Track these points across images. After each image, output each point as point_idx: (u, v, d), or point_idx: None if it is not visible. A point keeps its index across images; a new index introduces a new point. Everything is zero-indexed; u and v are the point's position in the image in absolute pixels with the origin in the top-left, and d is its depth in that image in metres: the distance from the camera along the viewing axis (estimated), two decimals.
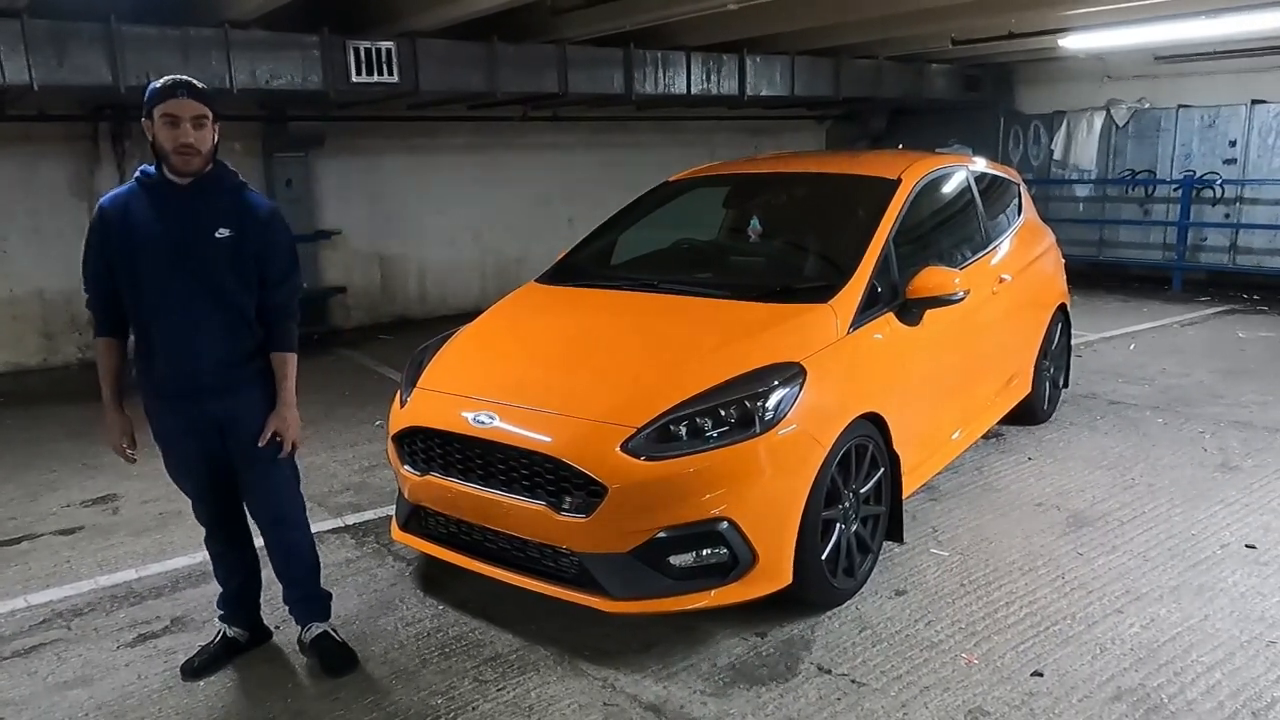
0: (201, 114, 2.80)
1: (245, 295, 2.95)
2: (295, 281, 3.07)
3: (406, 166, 9.71)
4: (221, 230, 2.88)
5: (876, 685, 3.01)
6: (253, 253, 2.94)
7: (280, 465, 3.10)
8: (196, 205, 2.89)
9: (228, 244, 2.89)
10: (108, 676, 3.20)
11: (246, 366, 2.99)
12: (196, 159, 2.83)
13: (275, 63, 6.87)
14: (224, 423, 2.98)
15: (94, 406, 2.81)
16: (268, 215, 3.00)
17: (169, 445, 3.06)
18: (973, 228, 4.94)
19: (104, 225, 2.90)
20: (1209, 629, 3.30)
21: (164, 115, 2.78)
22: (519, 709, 2.94)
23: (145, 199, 2.90)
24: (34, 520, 4.64)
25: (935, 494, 4.54)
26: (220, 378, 2.94)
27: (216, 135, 2.89)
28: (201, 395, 2.94)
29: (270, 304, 3.01)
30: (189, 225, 2.87)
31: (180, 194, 2.88)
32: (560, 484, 3.18)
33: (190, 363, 2.91)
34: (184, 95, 2.78)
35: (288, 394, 3.04)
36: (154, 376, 2.96)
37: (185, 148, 2.79)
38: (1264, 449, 5.13)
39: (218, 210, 2.90)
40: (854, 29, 8.51)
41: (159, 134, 2.80)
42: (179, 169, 2.84)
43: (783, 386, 3.25)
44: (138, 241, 2.86)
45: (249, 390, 3.01)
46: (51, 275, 8.03)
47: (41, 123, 7.62)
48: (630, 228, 4.85)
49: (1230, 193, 10.31)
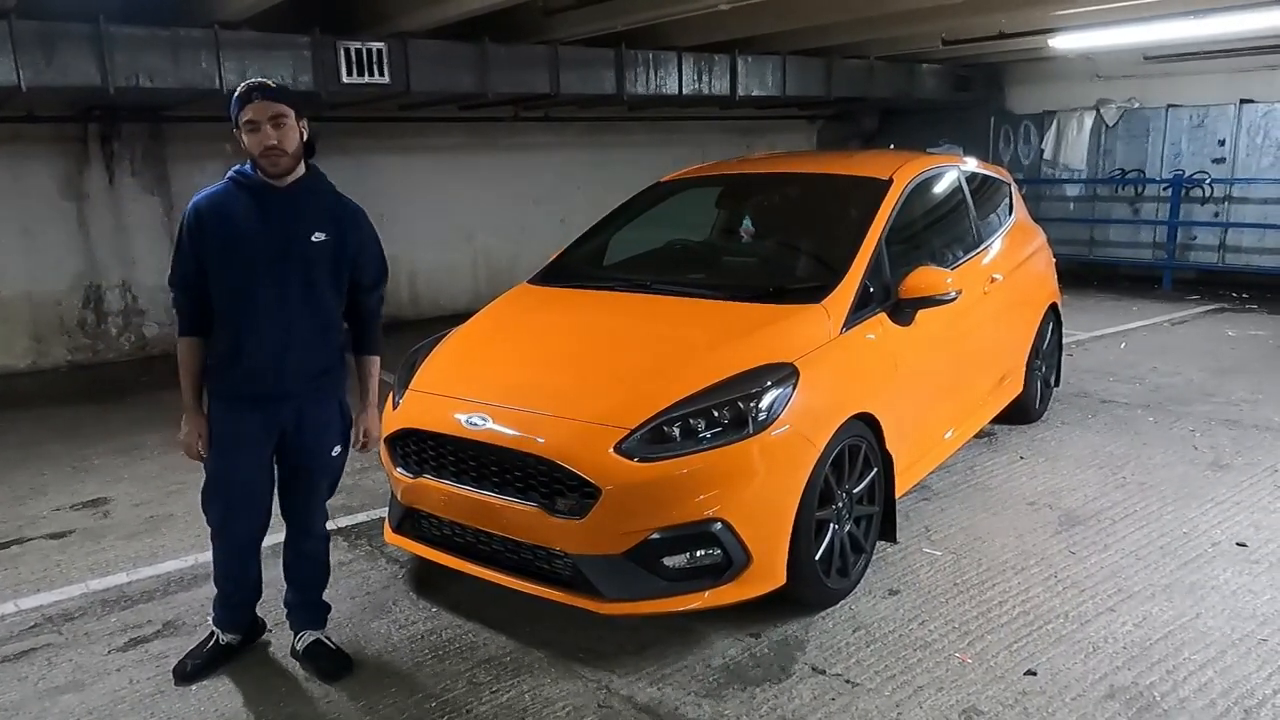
0: (279, 113, 2.79)
1: (337, 299, 2.98)
2: (384, 285, 3.11)
3: (398, 167, 9.69)
4: (319, 234, 2.88)
5: (871, 685, 3.01)
6: (349, 257, 2.96)
7: (329, 476, 3.14)
8: (295, 208, 2.89)
9: (325, 248, 2.90)
10: (99, 681, 3.18)
11: (328, 376, 3.01)
12: (284, 159, 2.82)
13: (266, 63, 6.83)
14: (291, 427, 2.97)
15: (84, 409, 2.81)
16: (361, 219, 3.02)
17: (228, 447, 2.97)
18: (964, 227, 4.96)
19: (199, 224, 2.87)
20: (1201, 627, 3.31)
21: (245, 122, 2.79)
22: (514, 711, 2.94)
23: (244, 199, 2.88)
24: (24, 524, 4.61)
25: (928, 493, 4.55)
26: (304, 384, 2.95)
27: (304, 132, 2.87)
28: (282, 400, 2.93)
29: (361, 308, 3.06)
30: (288, 228, 2.87)
31: (278, 196, 2.88)
32: (554, 486, 3.17)
33: (277, 368, 2.90)
34: (259, 98, 2.78)
35: (374, 395, 3.12)
36: (236, 377, 2.93)
37: (270, 150, 2.79)
38: (1254, 447, 5.16)
39: (315, 214, 2.91)
40: (845, 29, 8.53)
41: (246, 142, 2.81)
42: (269, 171, 2.84)
43: (776, 387, 3.25)
44: (236, 241, 2.85)
45: (324, 400, 3.02)
46: (41, 277, 8.01)
47: (30, 124, 7.59)
48: (623, 228, 4.84)
49: (1219, 192, 10.37)
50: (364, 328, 3.09)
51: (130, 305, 8.49)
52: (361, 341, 3.09)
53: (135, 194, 8.25)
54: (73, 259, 8.17)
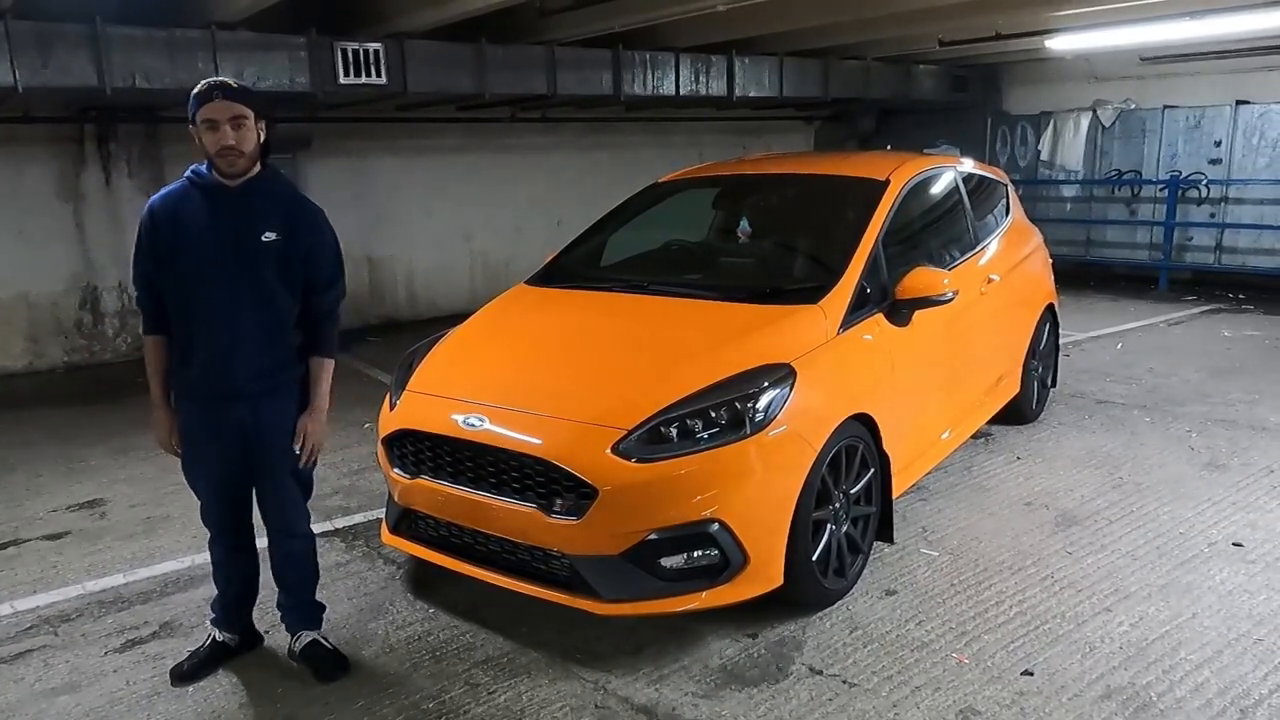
0: (239, 114, 2.79)
1: (289, 299, 2.96)
2: (340, 286, 3.09)
3: (395, 168, 9.69)
4: (269, 233, 2.88)
5: (868, 686, 3.01)
6: (300, 256, 2.94)
7: (296, 474, 3.11)
8: (246, 207, 2.88)
9: (275, 247, 2.89)
10: (95, 683, 3.18)
11: (282, 373, 3.00)
12: (241, 160, 2.83)
13: (262, 64, 6.83)
14: (249, 427, 2.97)
15: (81, 410, 2.81)
16: (315, 219, 3.00)
17: (192, 446, 3.03)
18: (961, 228, 4.96)
19: (153, 224, 2.89)
20: (1197, 627, 3.32)
21: (204, 120, 2.78)
22: (511, 712, 2.94)
23: (196, 199, 2.89)
24: (20, 525, 4.60)
25: (925, 494, 4.55)
26: (257, 384, 2.94)
27: (262, 134, 2.88)
28: (234, 399, 2.93)
29: (315, 308, 3.02)
30: (238, 227, 2.86)
31: (231, 195, 2.88)
32: (551, 486, 3.17)
33: (229, 366, 2.90)
34: (219, 97, 2.78)
35: (322, 399, 3.07)
36: (189, 377, 2.95)
37: (227, 150, 2.79)
38: (1250, 447, 5.17)
39: (266, 213, 2.90)
40: (842, 30, 8.53)
41: (203, 139, 2.81)
42: (225, 171, 2.84)
43: (773, 388, 3.25)
44: (186, 241, 2.85)
45: (280, 397, 3.01)
46: (37, 279, 8.00)
47: (26, 125, 7.58)
48: (620, 229, 4.84)
49: (1215, 193, 10.39)
50: (317, 328, 3.05)
51: (127, 306, 8.46)
52: (313, 342, 3.05)
53: (132, 195, 8.22)
54: (69, 260, 8.15)
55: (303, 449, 3.05)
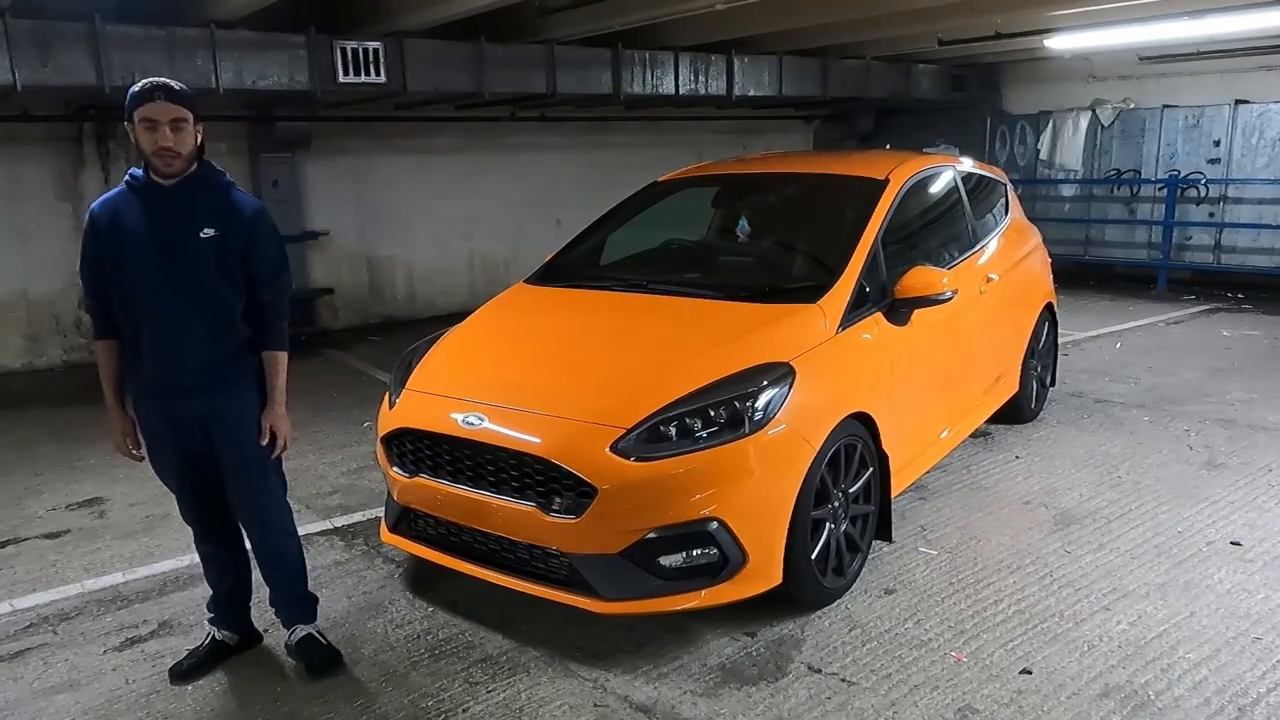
0: (180, 116, 2.79)
1: (232, 294, 2.95)
2: (284, 280, 3.07)
3: (394, 167, 9.69)
4: (206, 230, 2.88)
5: (866, 684, 3.02)
6: (239, 252, 2.93)
7: (264, 467, 3.08)
8: (182, 206, 2.88)
9: (213, 243, 2.89)
10: (95, 681, 3.18)
11: (232, 365, 2.99)
12: (177, 161, 2.83)
13: (262, 63, 6.84)
14: (208, 421, 2.97)
15: (80, 409, 2.82)
16: (252, 214, 2.99)
17: (155, 444, 3.06)
18: (960, 227, 4.96)
19: (94, 229, 2.91)
20: (1195, 626, 3.32)
21: (143, 119, 2.78)
22: (509, 710, 2.94)
23: (133, 201, 2.90)
24: (20, 524, 4.60)
25: (924, 493, 4.56)
26: (206, 377, 2.94)
27: (200, 136, 2.89)
28: (187, 394, 2.94)
29: (259, 303, 3.01)
30: (174, 226, 2.87)
31: (166, 195, 2.88)
32: (550, 485, 3.17)
33: (177, 362, 2.91)
34: (162, 98, 2.77)
35: (278, 393, 3.05)
36: (142, 376, 2.97)
37: (164, 150, 2.79)
38: (1249, 446, 5.17)
39: (203, 210, 2.90)
40: (841, 29, 8.54)
41: (139, 138, 2.81)
42: (160, 171, 2.85)
43: (772, 387, 3.25)
44: (125, 244, 2.87)
45: (235, 389, 3.00)
46: (36, 277, 7.99)
47: (25, 123, 7.57)
48: (619, 228, 4.84)
49: (1214, 192, 10.40)
50: (263, 322, 3.04)
51: None
52: (261, 336, 3.04)
53: None
54: (68, 259, 8.03)
55: (268, 442, 3.04)
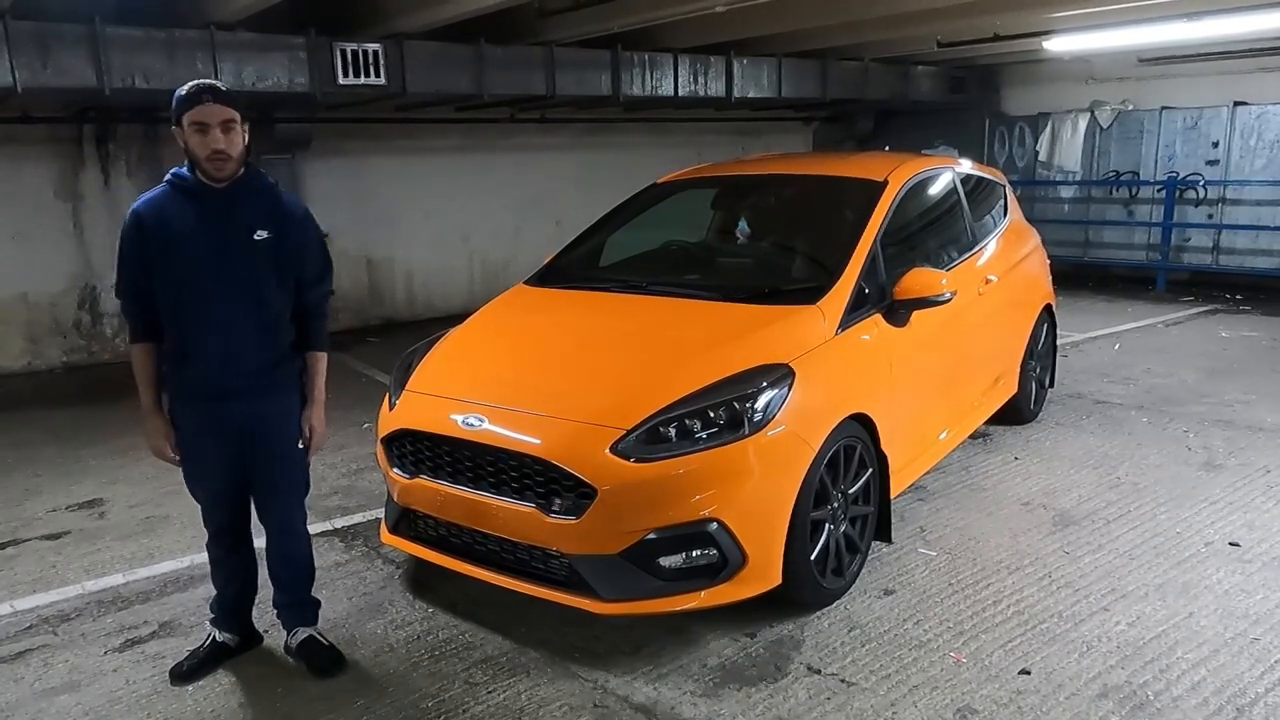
0: (229, 118, 2.80)
1: (283, 296, 2.98)
2: (329, 282, 3.11)
3: (394, 169, 9.69)
4: (260, 232, 2.90)
5: (866, 685, 3.02)
6: (291, 254, 2.96)
7: (297, 471, 3.12)
8: (234, 208, 2.89)
9: (266, 246, 2.91)
10: (95, 682, 3.18)
11: (281, 369, 3.02)
12: (229, 164, 2.83)
13: (261, 64, 6.84)
14: (252, 425, 2.98)
15: (79, 410, 2.83)
16: (302, 216, 3.02)
17: (193, 449, 3.03)
18: (959, 229, 4.97)
19: (140, 230, 2.88)
20: (1194, 626, 3.33)
21: (193, 122, 2.78)
22: (509, 711, 2.94)
23: (181, 202, 2.89)
24: (19, 525, 4.61)
25: (923, 494, 4.56)
26: (258, 379, 2.96)
27: (247, 137, 2.89)
28: (235, 398, 2.94)
29: (304, 304, 3.05)
30: (228, 228, 2.88)
31: (217, 197, 2.88)
32: (550, 486, 3.18)
33: (230, 365, 2.92)
34: (210, 100, 2.78)
35: (319, 391, 3.09)
36: (187, 379, 2.96)
37: (217, 154, 2.80)
38: (1247, 447, 5.18)
39: (255, 212, 2.91)
40: (840, 31, 8.55)
41: (190, 141, 2.81)
42: (212, 175, 2.84)
43: (771, 388, 3.26)
44: (177, 245, 2.86)
45: (280, 393, 3.03)
46: (36, 279, 7.99)
47: (25, 125, 7.58)
48: (619, 230, 4.85)
49: (1213, 193, 10.41)
50: (308, 324, 3.07)
51: None
52: (306, 338, 3.08)
53: (131, 195, 8.11)
54: (68, 260, 8.15)
55: (308, 443, 3.09)
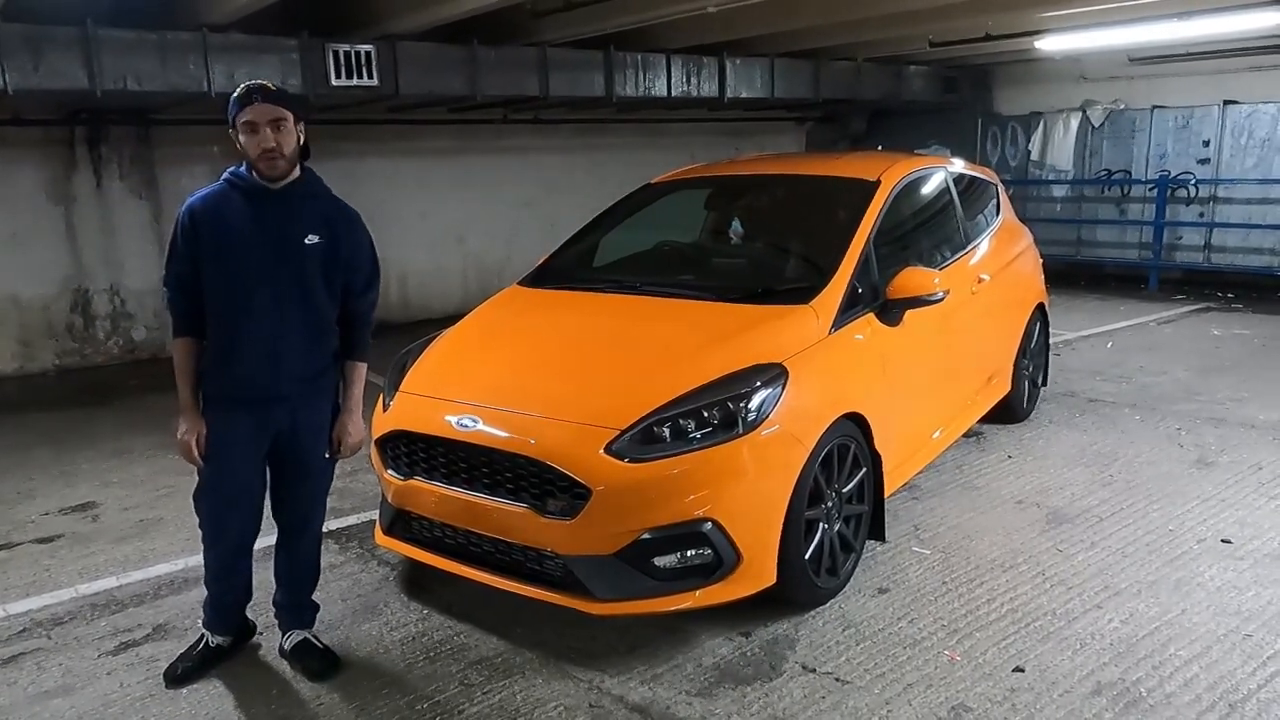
0: (279, 117, 2.80)
1: (331, 302, 2.98)
2: (376, 290, 3.12)
3: (387, 170, 9.67)
4: (312, 237, 2.90)
5: (860, 683, 3.03)
6: (342, 259, 2.96)
7: (325, 478, 3.13)
8: (290, 210, 2.90)
9: (318, 250, 2.91)
10: (89, 685, 3.17)
11: (322, 378, 3.03)
12: (281, 162, 2.84)
13: (254, 66, 6.82)
14: (286, 430, 2.98)
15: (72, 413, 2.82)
16: (355, 222, 3.03)
17: (223, 450, 2.97)
18: (952, 228, 4.98)
19: (194, 225, 2.88)
20: (1187, 623, 3.34)
21: (244, 124, 2.79)
22: (505, 712, 2.94)
23: (238, 201, 2.89)
24: (12, 529, 4.59)
25: (917, 492, 4.58)
26: (302, 385, 2.96)
27: (303, 136, 2.89)
28: (275, 402, 2.94)
29: (353, 311, 3.05)
30: (282, 230, 2.88)
31: (273, 198, 2.89)
32: (544, 487, 3.18)
33: (276, 369, 2.91)
34: (259, 100, 2.79)
35: (356, 401, 3.09)
36: (228, 380, 2.94)
37: (268, 152, 2.80)
38: (1239, 445, 5.20)
39: (309, 216, 2.92)
40: (833, 31, 8.57)
41: (243, 142, 2.82)
42: (266, 174, 2.85)
43: (765, 387, 3.27)
44: (230, 243, 2.85)
45: (317, 401, 3.03)
46: (28, 281, 7.96)
47: (17, 127, 7.55)
48: (612, 230, 4.85)
49: (1204, 192, 10.45)
50: (354, 332, 3.09)
51: (118, 309, 8.45)
52: (350, 346, 3.09)
53: (123, 197, 8.21)
54: (60, 263, 8.12)
55: (340, 449, 3.10)
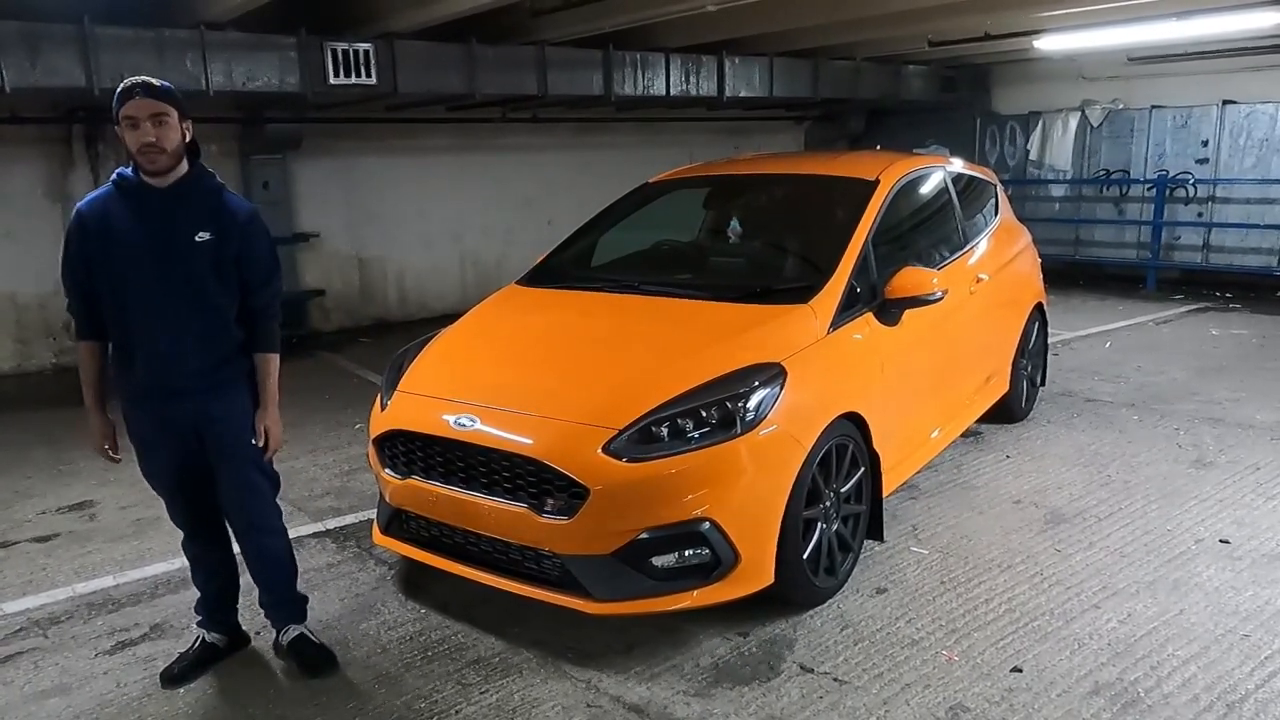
0: (160, 111, 2.78)
1: (226, 298, 2.95)
2: (276, 284, 3.07)
3: (385, 169, 9.66)
4: (201, 234, 2.87)
5: (858, 683, 3.03)
6: (233, 255, 2.93)
7: (255, 468, 3.09)
8: (176, 208, 2.87)
9: (208, 247, 2.88)
10: (86, 685, 3.17)
11: (226, 369, 2.99)
12: (161, 157, 2.81)
13: (252, 64, 6.82)
14: (201, 424, 2.97)
15: (70, 412, 2.81)
16: (247, 217, 2.98)
17: (145, 447, 3.05)
18: (950, 228, 4.98)
19: (82, 229, 2.88)
20: (1185, 623, 3.34)
21: (125, 118, 2.77)
22: (502, 712, 2.94)
23: (123, 202, 2.88)
24: (9, 528, 4.58)
25: (915, 492, 4.57)
26: (202, 380, 2.94)
27: (188, 133, 2.87)
28: (182, 397, 2.93)
29: (252, 306, 3.01)
30: (169, 228, 2.86)
31: (159, 196, 2.87)
32: (542, 486, 3.17)
33: (170, 366, 2.90)
34: (140, 95, 2.76)
35: (270, 394, 3.06)
36: (133, 380, 2.96)
37: (147, 147, 2.78)
38: (1237, 445, 5.21)
39: (197, 213, 2.89)
40: (832, 31, 8.56)
41: (125, 137, 2.80)
42: (147, 169, 2.83)
43: (763, 387, 3.26)
44: (117, 245, 2.85)
45: (228, 392, 3.00)
46: (25, 279, 7.93)
47: (14, 125, 7.53)
48: (610, 229, 4.85)
49: (1203, 192, 10.45)
50: (256, 325, 3.05)
51: None
52: (255, 339, 3.05)
53: None
54: (57, 261, 8.06)
55: (262, 444, 3.05)
